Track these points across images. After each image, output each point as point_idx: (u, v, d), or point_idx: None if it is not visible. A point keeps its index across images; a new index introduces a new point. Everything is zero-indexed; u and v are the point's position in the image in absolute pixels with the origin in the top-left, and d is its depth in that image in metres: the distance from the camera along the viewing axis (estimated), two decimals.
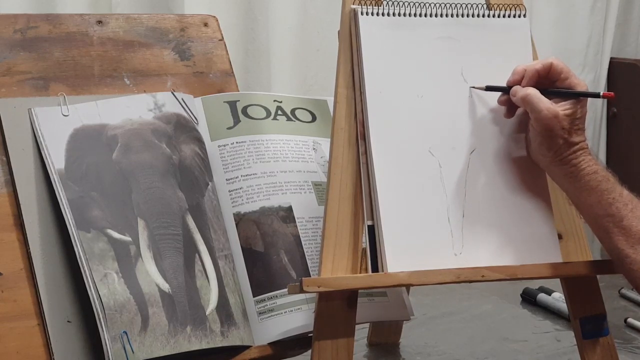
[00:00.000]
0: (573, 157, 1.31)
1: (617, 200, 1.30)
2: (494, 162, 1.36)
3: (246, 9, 2.49)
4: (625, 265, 1.29)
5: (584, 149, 1.32)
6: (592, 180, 1.31)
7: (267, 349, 1.36)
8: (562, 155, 1.31)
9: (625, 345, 1.63)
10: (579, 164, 1.31)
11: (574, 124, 1.31)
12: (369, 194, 1.31)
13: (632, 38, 3.04)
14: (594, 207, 1.31)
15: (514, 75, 1.34)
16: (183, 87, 1.48)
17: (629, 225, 1.29)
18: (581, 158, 1.31)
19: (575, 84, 1.32)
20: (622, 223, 1.29)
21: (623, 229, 1.29)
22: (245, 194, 1.42)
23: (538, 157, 1.35)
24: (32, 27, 1.41)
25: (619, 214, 1.29)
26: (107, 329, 1.26)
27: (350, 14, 1.33)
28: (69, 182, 1.32)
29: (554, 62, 1.32)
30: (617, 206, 1.29)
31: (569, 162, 1.31)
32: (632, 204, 1.30)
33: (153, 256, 1.32)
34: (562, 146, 1.31)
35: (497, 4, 1.39)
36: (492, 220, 1.35)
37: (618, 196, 1.30)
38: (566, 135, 1.31)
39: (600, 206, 1.30)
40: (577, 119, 1.31)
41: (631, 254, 1.28)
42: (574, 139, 1.31)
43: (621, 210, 1.29)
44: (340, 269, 1.29)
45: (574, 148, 1.31)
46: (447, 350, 1.62)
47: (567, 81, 1.32)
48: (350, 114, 1.32)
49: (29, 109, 1.35)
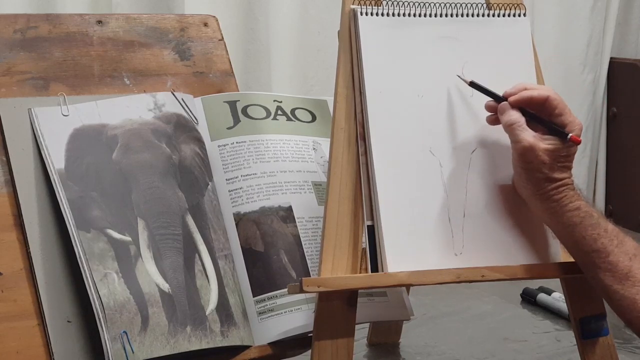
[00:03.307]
0: (555, 193, 1.28)
1: (602, 236, 1.27)
2: (494, 161, 1.36)
3: (246, 9, 2.49)
4: (614, 301, 1.27)
5: (567, 185, 1.28)
6: (575, 216, 1.28)
7: (267, 349, 1.36)
8: (543, 189, 1.28)
9: (625, 345, 1.63)
10: (561, 199, 1.28)
11: (558, 160, 1.28)
12: (368, 194, 1.31)
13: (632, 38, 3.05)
14: (578, 244, 1.28)
15: (512, 88, 1.31)
16: (183, 87, 1.48)
17: (615, 261, 1.26)
18: (563, 194, 1.28)
19: (569, 122, 1.29)
20: (608, 259, 1.27)
21: (610, 264, 1.27)
22: (245, 194, 1.42)
23: (519, 187, 1.32)
24: (32, 27, 1.41)
25: (605, 249, 1.27)
26: (107, 329, 1.26)
27: (350, 14, 1.33)
28: (69, 182, 1.32)
29: (550, 96, 1.29)
30: (603, 242, 1.27)
31: (550, 197, 1.28)
32: (618, 239, 1.28)
33: (153, 256, 1.32)
34: (542, 181, 1.28)
35: (497, 3, 1.39)
36: (492, 220, 1.35)
37: (603, 232, 1.28)
38: (546, 170, 1.27)
39: (585, 242, 1.28)
40: (561, 156, 1.28)
41: (619, 289, 1.26)
42: (556, 175, 1.28)
43: (607, 246, 1.27)
44: (340, 269, 1.29)
45: (556, 184, 1.28)
46: (447, 350, 1.62)
47: (560, 118, 1.29)
48: (350, 114, 1.32)
49: (29, 109, 1.35)
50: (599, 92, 2.95)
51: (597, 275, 1.28)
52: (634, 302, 1.25)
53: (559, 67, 2.88)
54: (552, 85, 1.37)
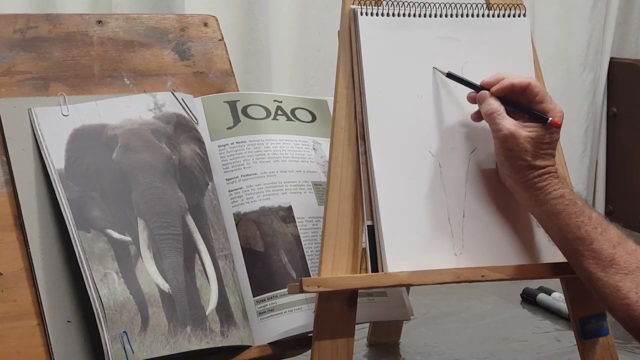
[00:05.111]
0: (538, 181, 1.28)
1: (586, 224, 1.27)
2: (494, 161, 1.36)
3: (246, 9, 2.49)
4: (597, 289, 1.27)
5: (550, 173, 1.28)
6: (559, 204, 1.28)
7: (267, 349, 1.36)
8: (526, 177, 1.29)
9: (625, 345, 1.63)
10: (544, 187, 1.28)
11: (540, 148, 1.28)
12: (368, 193, 1.31)
13: (632, 38, 3.05)
14: (562, 231, 1.28)
15: (490, 77, 1.31)
16: (183, 87, 1.48)
17: (599, 249, 1.26)
18: (547, 182, 1.28)
19: (550, 109, 1.29)
20: (592, 246, 1.26)
21: (593, 252, 1.26)
22: (245, 194, 1.42)
23: (503, 176, 1.32)
24: (32, 27, 1.41)
25: (589, 237, 1.27)
26: (107, 329, 1.26)
27: (350, 14, 1.33)
28: (69, 182, 1.32)
29: (531, 83, 1.29)
30: (587, 229, 1.27)
31: (533, 185, 1.29)
32: (602, 227, 1.27)
33: (153, 256, 1.32)
34: (525, 169, 1.28)
35: (497, 3, 1.39)
36: (492, 220, 1.35)
37: (587, 219, 1.27)
38: (529, 158, 1.28)
39: (569, 229, 1.27)
40: (544, 143, 1.28)
41: (602, 277, 1.26)
42: (539, 162, 1.28)
43: (590, 233, 1.27)
44: (340, 269, 1.29)
45: (539, 172, 1.28)
46: (447, 350, 1.62)
47: (541, 105, 1.29)
48: (350, 114, 1.32)
49: (29, 109, 1.35)
50: (599, 92, 2.95)
51: (580, 263, 1.28)
52: (617, 289, 1.25)
53: (559, 67, 2.88)
54: (552, 85, 1.37)
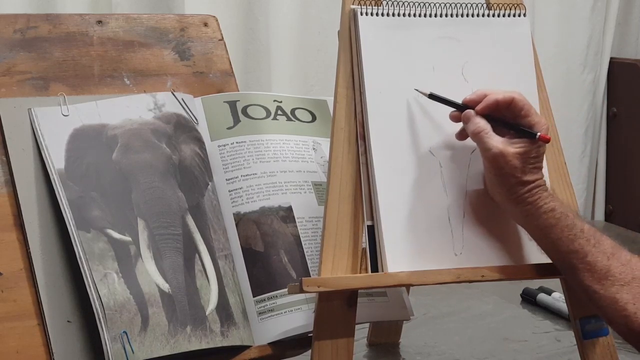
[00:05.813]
0: (528, 196, 1.28)
1: (579, 237, 1.27)
2: None
3: (246, 9, 2.49)
4: (594, 301, 1.26)
5: (540, 187, 1.28)
6: (550, 217, 1.27)
7: (267, 349, 1.36)
8: (517, 193, 1.28)
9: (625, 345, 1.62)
10: (535, 202, 1.28)
11: (528, 162, 1.27)
12: (368, 194, 1.31)
13: (632, 38, 3.04)
14: (555, 245, 1.28)
15: (472, 95, 1.30)
16: (183, 87, 1.48)
17: (593, 261, 1.26)
18: (537, 196, 1.27)
19: (536, 122, 1.28)
20: (586, 259, 1.26)
21: (588, 264, 1.26)
22: (245, 194, 1.42)
23: (493, 194, 1.32)
24: (32, 27, 1.41)
25: (582, 250, 1.26)
26: (107, 329, 1.26)
27: (349, 14, 1.33)
28: (69, 182, 1.32)
29: (515, 98, 1.29)
30: (580, 242, 1.26)
31: (524, 200, 1.28)
32: (595, 239, 1.27)
33: (153, 256, 1.32)
34: (515, 185, 1.28)
35: (497, 3, 1.39)
36: (492, 220, 1.35)
37: (579, 232, 1.27)
38: (518, 174, 1.27)
39: (562, 243, 1.27)
40: (531, 157, 1.27)
41: (599, 289, 1.25)
42: (528, 177, 1.27)
43: (584, 246, 1.26)
44: (340, 269, 1.29)
45: (529, 186, 1.27)
46: (447, 350, 1.62)
47: (527, 119, 1.28)
48: (350, 114, 1.32)
49: (29, 109, 1.35)
50: (599, 92, 2.95)
51: (576, 276, 1.27)
52: (614, 301, 1.24)
53: (559, 67, 2.87)
54: (552, 85, 1.37)
